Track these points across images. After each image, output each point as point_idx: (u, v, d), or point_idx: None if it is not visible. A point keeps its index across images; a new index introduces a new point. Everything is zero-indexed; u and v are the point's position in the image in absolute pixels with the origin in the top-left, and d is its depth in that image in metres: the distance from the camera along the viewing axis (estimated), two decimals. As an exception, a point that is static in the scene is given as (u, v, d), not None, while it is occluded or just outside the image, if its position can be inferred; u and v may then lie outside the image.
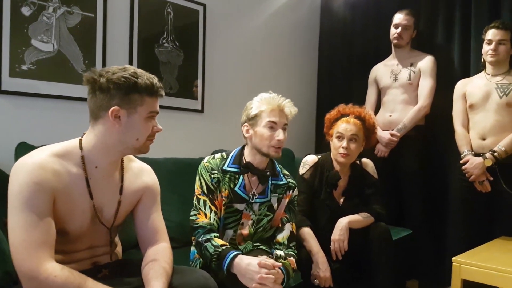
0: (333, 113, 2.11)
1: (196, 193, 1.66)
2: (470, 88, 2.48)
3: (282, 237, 1.72)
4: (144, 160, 1.50)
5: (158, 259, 1.29)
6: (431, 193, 2.80)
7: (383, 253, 1.90)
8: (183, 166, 2.27)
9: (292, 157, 2.91)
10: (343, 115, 2.05)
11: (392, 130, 2.73)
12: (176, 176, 2.18)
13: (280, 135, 1.64)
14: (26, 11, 1.94)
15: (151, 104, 1.26)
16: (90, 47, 2.16)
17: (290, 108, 1.68)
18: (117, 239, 1.47)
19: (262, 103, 1.67)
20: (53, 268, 1.09)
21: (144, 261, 1.32)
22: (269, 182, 1.75)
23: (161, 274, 1.23)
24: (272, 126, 1.64)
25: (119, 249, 1.48)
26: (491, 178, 2.33)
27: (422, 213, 2.73)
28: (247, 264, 1.43)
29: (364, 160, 2.17)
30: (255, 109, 1.67)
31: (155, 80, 1.27)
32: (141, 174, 1.42)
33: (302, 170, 2.09)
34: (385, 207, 2.09)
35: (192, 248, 1.76)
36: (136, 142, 1.27)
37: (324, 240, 1.91)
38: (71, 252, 1.28)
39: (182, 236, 2.05)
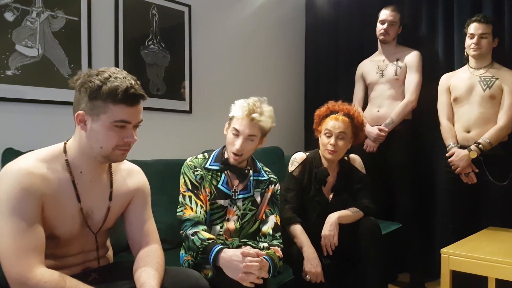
0: (322, 109, 2.12)
1: (181, 191, 1.69)
2: (454, 81, 2.52)
3: (267, 228, 1.75)
4: (133, 162, 1.50)
5: (149, 261, 1.29)
6: (420, 187, 2.83)
7: (373, 247, 1.92)
8: (173, 167, 2.25)
9: (282, 155, 2.92)
10: (332, 112, 2.07)
11: (380, 125, 2.75)
12: (166, 177, 2.18)
13: (237, 144, 1.67)
14: (9, 16, 1.92)
15: (116, 113, 1.17)
16: (75, 51, 2.14)
17: (259, 121, 1.68)
18: (108, 242, 1.47)
19: (236, 109, 1.71)
20: (43, 274, 1.08)
21: (135, 263, 1.32)
22: (251, 178, 1.79)
23: (153, 276, 1.24)
24: (236, 133, 1.69)
25: (110, 253, 1.48)
26: (477, 170, 2.36)
27: (411, 206, 2.76)
28: (231, 255, 1.45)
29: (352, 155, 2.20)
30: (232, 112, 1.72)
31: (124, 86, 1.16)
32: (130, 176, 1.42)
33: (291, 167, 2.11)
34: (374, 201, 2.11)
35: (181, 252, 1.78)
36: (101, 150, 1.22)
37: (315, 236, 1.92)
38: (62, 256, 1.28)
39: (173, 237, 2.05)
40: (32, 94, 2.00)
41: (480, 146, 2.32)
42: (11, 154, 1.70)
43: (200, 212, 1.63)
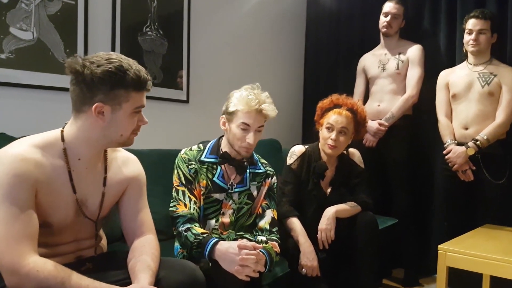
0: (326, 102, 2.08)
1: (174, 185, 1.66)
2: (452, 78, 2.50)
3: (263, 222, 1.72)
4: (128, 151, 1.46)
5: (144, 251, 1.27)
6: (417, 183, 2.83)
7: (369, 242, 1.91)
8: (168, 158, 2.22)
9: (279, 148, 2.90)
10: (336, 105, 2.03)
11: (381, 119, 2.73)
12: (161, 168, 2.15)
13: (250, 138, 1.62)
14: (3, -3, 1.87)
15: (137, 99, 1.21)
16: (71, 36, 2.09)
17: (268, 111, 1.63)
18: (101, 232, 1.44)
19: (240, 102, 1.62)
20: (35, 262, 1.06)
21: (130, 253, 1.30)
22: (248, 171, 1.76)
23: (148, 266, 1.22)
24: (246, 128, 1.62)
25: (104, 242, 1.45)
26: (474, 167, 2.35)
27: (408, 202, 2.76)
28: (227, 248, 1.42)
29: (351, 150, 2.17)
30: (233, 106, 1.64)
31: (142, 72, 1.21)
32: (126, 165, 1.39)
33: (290, 160, 2.08)
34: (371, 196, 2.10)
35: (176, 244, 1.75)
36: (120, 137, 1.24)
37: (312, 230, 1.91)
38: (55, 245, 1.25)
39: (168, 228, 2.00)
40: (26, 79, 1.95)
41: (477, 143, 2.31)
42: (4, 139, 1.67)
43: (194, 208, 1.60)
